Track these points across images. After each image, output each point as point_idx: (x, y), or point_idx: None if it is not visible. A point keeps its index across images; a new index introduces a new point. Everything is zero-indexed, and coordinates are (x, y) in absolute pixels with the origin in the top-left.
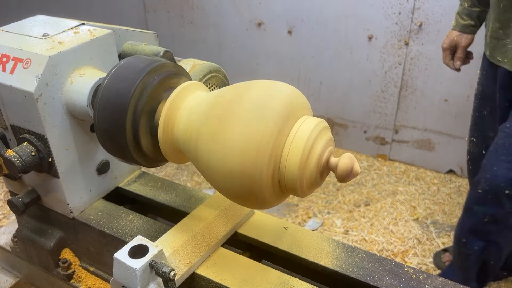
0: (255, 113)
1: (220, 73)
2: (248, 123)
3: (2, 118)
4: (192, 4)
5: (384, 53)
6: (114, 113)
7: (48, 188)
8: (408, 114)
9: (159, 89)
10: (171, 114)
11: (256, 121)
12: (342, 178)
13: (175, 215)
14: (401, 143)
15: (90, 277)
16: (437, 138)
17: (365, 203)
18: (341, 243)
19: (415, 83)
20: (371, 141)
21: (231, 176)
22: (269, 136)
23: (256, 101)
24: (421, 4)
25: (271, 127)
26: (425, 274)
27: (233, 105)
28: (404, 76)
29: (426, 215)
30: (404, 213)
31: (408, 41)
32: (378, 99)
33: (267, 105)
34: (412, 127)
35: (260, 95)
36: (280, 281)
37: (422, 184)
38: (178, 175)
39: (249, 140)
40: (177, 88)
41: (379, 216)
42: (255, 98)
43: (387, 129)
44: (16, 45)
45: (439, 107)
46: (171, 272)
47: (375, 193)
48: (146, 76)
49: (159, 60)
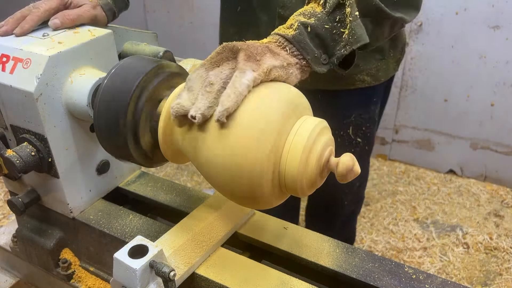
0: (255, 113)
1: None
2: (248, 123)
3: (2, 118)
4: (192, 4)
5: None
6: (114, 113)
7: (48, 188)
8: (408, 114)
9: (159, 89)
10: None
11: (256, 121)
12: (342, 178)
13: (175, 215)
14: (401, 143)
15: (90, 277)
16: (437, 138)
17: (365, 203)
18: (341, 243)
19: (415, 83)
20: None
21: (231, 176)
22: (269, 136)
23: (256, 101)
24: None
25: (271, 127)
26: (425, 274)
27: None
28: (404, 76)
29: (426, 215)
30: (404, 213)
31: (408, 41)
32: None
33: (267, 105)
34: (412, 127)
35: (260, 95)
36: (280, 281)
37: (422, 184)
38: (178, 175)
39: (249, 140)
40: (177, 88)
41: (379, 216)
42: (255, 98)
43: (387, 129)
44: (16, 45)
45: (439, 107)
46: (171, 272)
47: (375, 193)
48: (146, 76)
49: (159, 60)
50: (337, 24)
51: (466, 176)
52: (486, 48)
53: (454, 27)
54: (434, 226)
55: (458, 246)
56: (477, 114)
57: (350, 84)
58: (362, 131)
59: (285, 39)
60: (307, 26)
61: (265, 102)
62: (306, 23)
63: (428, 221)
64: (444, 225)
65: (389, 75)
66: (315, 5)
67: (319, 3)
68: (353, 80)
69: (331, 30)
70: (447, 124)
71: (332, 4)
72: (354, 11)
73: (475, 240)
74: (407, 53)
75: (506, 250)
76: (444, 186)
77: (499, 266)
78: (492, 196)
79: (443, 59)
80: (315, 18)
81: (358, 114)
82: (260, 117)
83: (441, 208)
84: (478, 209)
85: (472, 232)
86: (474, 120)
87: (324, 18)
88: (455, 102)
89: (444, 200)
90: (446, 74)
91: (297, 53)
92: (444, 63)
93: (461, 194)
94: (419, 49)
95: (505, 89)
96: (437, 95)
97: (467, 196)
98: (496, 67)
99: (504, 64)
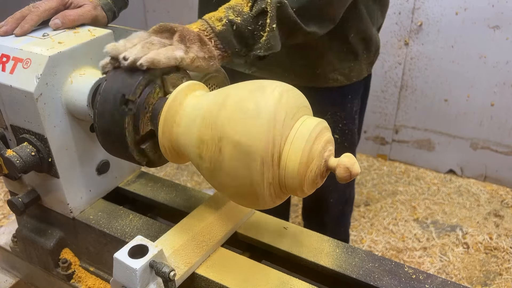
0: (255, 113)
1: (220, 73)
2: (248, 123)
3: (2, 118)
4: (192, 4)
5: (384, 53)
6: (114, 113)
7: (48, 188)
8: (408, 114)
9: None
10: (171, 114)
11: (256, 120)
12: (342, 178)
13: (175, 215)
14: (401, 143)
15: (90, 277)
16: (437, 138)
17: (365, 203)
18: (341, 243)
19: (415, 83)
20: (371, 141)
21: (231, 176)
22: (269, 136)
23: (256, 101)
24: (421, 4)
25: (271, 127)
26: (425, 274)
27: (232, 105)
28: (404, 76)
29: (426, 215)
30: (404, 213)
31: (408, 41)
32: (378, 99)
33: (267, 104)
34: (412, 127)
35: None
36: (280, 281)
37: (422, 184)
38: (178, 175)
39: (249, 139)
40: (177, 88)
41: (379, 216)
42: (255, 98)
43: (387, 129)
44: (16, 45)
45: (439, 107)
46: (171, 272)
47: (375, 193)
48: (146, 76)
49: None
50: (259, 27)
51: (466, 176)
52: (486, 48)
53: (454, 27)
54: (434, 226)
55: (458, 246)
56: (477, 114)
57: (323, 82)
58: (340, 128)
59: (213, 32)
60: (233, 24)
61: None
62: (233, 21)
63: (428, 221)
64: (444, 225)
65: (362, 75)
66: (244, 3)
67: (247, 4)
68: (327, 78)
69: (252, 31)
70: (447, 124)
71: (257, 10)
72: (273, 23)
73: (475, 240)
74: (407, 53)
75: (506, 250)
76: (444, 186)
77: (499, 266)
78: (492, 196)
79: (443, 59)
80: (242, 18)
81: (334, 111)
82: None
83: (441, 208)
84: (478, 209)
85: (472, 232)
86: (474, 120)
87: (249, 20)
88: (455, 102)
89: (444, 200)
90: (446, 74)
91: (221, 47)
92: (444, 63)
93: (461, 194)
94: (419, 49)
95: (505, 89)
96: (437, 95)
97: (467, 196)
98: (496, 67)
99: (504, 64)
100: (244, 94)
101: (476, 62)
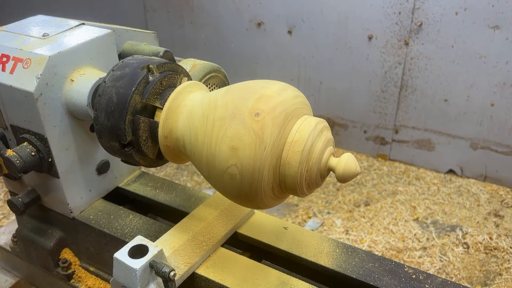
0: (255, 112)
1: (220, 73)
2: (248, 123)
3: (2, 118)
4: (192, 4)
5: (384, 53)
6: (114, 113)
7: (48, 188)
8: (408, 114)
9: (159, 89)
10: (171, 114)
11: (256, 120)
12: (342, 178)
13: (175, 215)
14: (401, 143)
15: (90, 277)
16: (437, 138)
17: (365, 203)
18: (341, 243)
19: (415, 83)
20: (371, 141)
21: (231, 176)
22: (269, 136)
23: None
24: (421, 4)
25: (271, 127)
26: (425, 274)
27: (233, 105)
28: (404, 76)
29: (426, 215)
30: (404, 213)
31: (408, 41)
32: (378, 99)
33: (267, 104)
34: (412, 127)
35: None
36: (280, 281)
37: (422, 184)
38: (178, 175)
39: (249, 140)
40: (177, 88)
41: (379, 216)
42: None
43: (387, 129)
44: (16, 45)
45: (439, 107)
46: (171, 272)
47: (375, 193)
48: (146, 76)
49: (159, 60)
50: None
51: (466, 176)
52: (486, 48)
53: (454, 27)
54: (434, 226)
55: (458, 246)
56: (477, 114)
57: None
58: None
59: None
60: None
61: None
62: None
63: (428, 221)
64: (444, 225)
65: None
66: None
67: None
68: None
69: None
70: (447, 124)
71: None
72: None
73: (475, 240)
74: (407, 53)
75: (506, 250)
76: (444, 186)
77: (499, 266)
78: (492, 196)
79: (443, 59)
80: None
81: None
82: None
83: (441, 208)
84: (478, 209)
85: (472, 232)
86: (474, 120)
87: None
88: (455, 102)
89: (444, 200)
90: (446, 74)
91: None
92: (444, 63)
93: (461, 194)
94: (419, 49)
95: (505, 89)
96: (437, 95)
97: (467, 196)
98: (496, 67)
99: (504, 64)
100: (244, 94)
101: (476, 62)
